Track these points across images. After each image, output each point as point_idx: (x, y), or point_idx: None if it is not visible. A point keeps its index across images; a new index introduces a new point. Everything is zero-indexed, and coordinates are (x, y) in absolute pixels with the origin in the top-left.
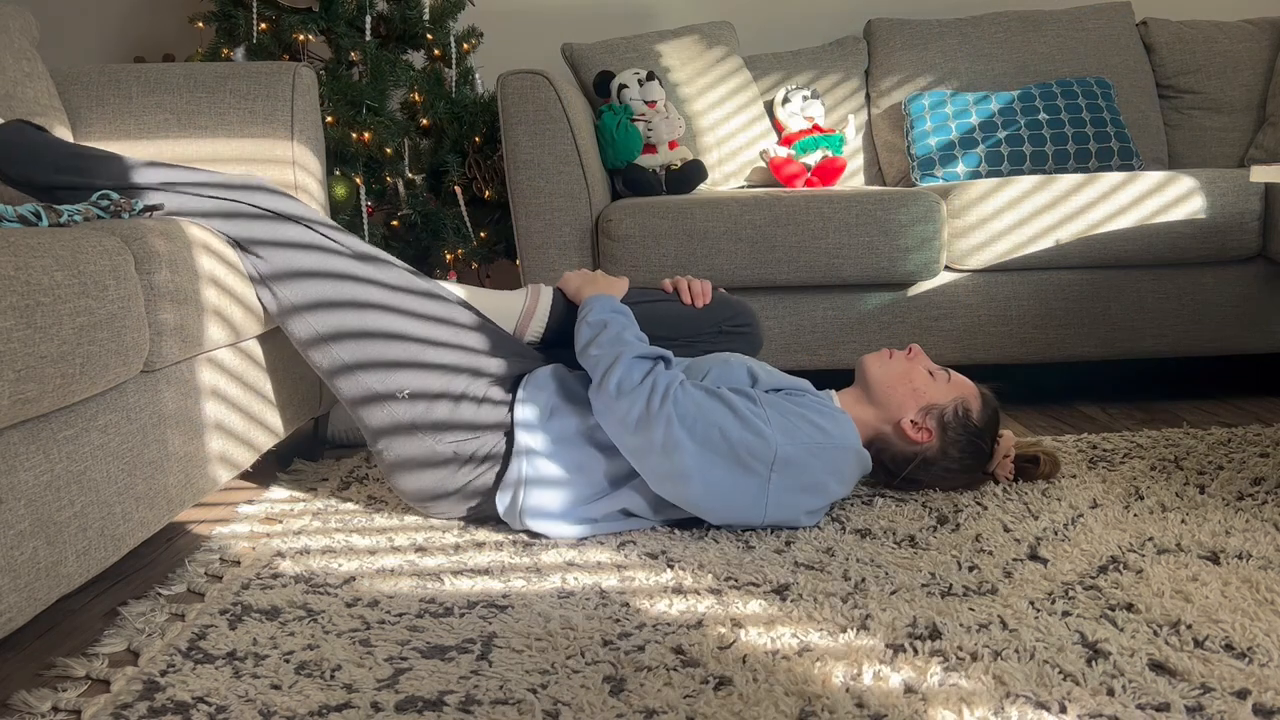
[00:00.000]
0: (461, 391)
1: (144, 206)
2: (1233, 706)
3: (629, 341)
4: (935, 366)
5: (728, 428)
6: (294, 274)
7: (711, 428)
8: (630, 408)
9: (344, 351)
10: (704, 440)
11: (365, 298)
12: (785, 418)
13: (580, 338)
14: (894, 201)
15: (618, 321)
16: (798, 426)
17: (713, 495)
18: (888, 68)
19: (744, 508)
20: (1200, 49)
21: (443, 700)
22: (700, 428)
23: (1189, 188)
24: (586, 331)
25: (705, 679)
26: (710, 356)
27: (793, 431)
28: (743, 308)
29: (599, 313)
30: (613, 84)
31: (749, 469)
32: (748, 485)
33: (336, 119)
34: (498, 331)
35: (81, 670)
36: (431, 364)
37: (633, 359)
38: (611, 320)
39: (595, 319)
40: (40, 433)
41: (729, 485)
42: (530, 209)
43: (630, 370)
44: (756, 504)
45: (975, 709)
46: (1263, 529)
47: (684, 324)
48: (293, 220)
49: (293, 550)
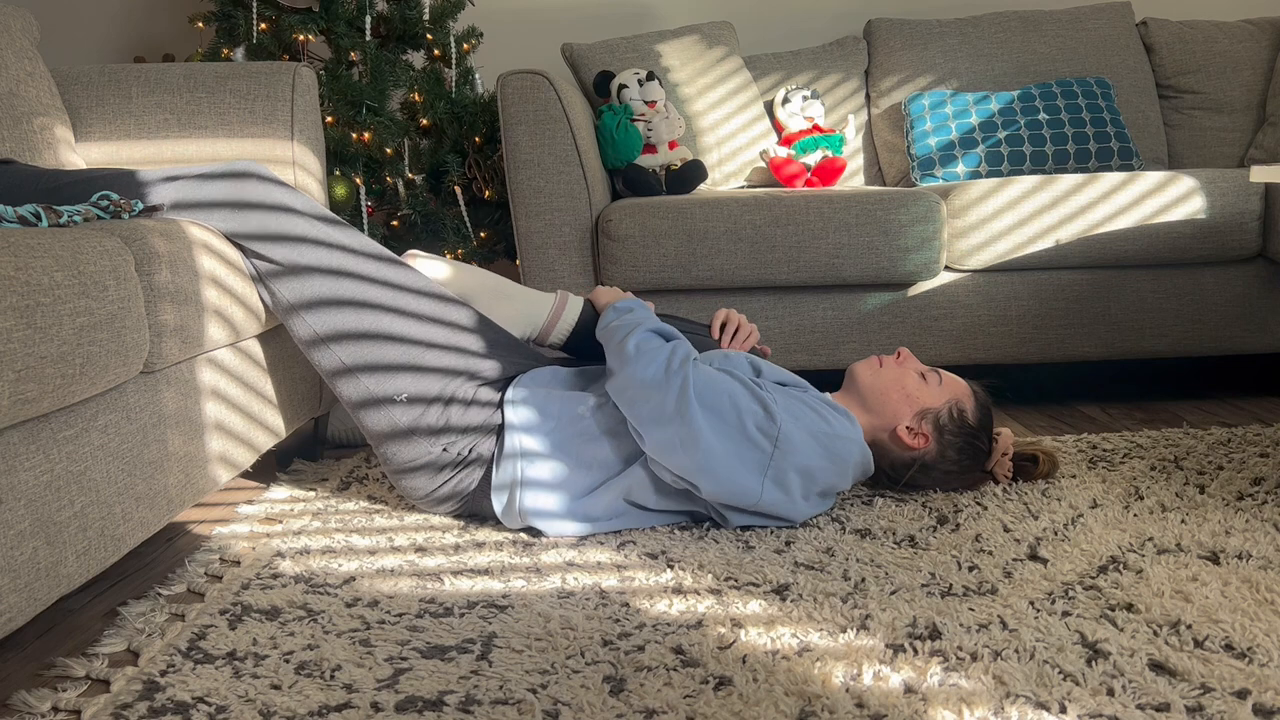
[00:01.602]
0: (452, 394)
1: (144, 207)
2: (1233, 706)
3: (651, 319)
4: (925, 368)
5: (737, 397)
6: (290, 271)
7: (721, 395)
8: (648, 367)
9: (344, 353)
10: (714, 407)
11: (363, 296)
12: (791, 402)
13: (604, 318)
14: (894, 201)
15: (643, 311)
16: (803, 413)
17: (716, 463)
18: (888, 68)
19: (744, 481)
20: (1200, 49)
21: (443, 700)
22: (710, 396)
23: (1189, 188)
24: (611, 314)
25: (705, 679)
26: (713, 351)
27: (798, 415)
28: None
29: (627, 303)
30: (613, 84)
31: (754, 442)
32: (751, 458)
33: (336, 119)
34: (494, 331)
35: (81, 670)
36: (429, 367)
37: (651, 330)
38: (638, 308)
39: (622, 306)
40: (40, 433)
41: (733, 455)
42: (530, 209)
43: (649, 337)
44: (755, 478)
45: (975, 709)
46: (1263, 529)
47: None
48: (288, 212)
49: (293, 550)
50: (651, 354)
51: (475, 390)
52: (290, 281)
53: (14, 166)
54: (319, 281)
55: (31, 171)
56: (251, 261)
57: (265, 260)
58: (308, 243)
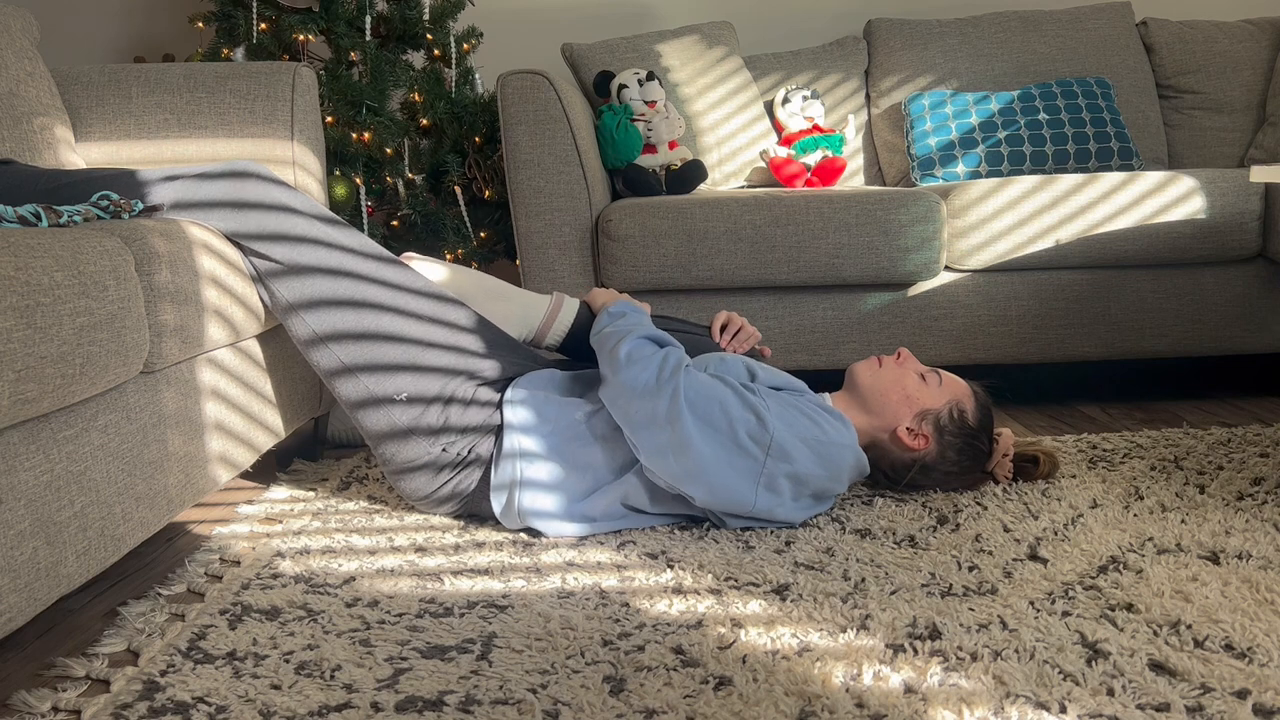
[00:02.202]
0: (451, 394)
1: (144, 207)
2: (1233, 706)
3: (644, 325)
4: (925, 369)
5: (729, 405)
6: (290, 271)
7: (713, 403)
8: (640, 374)
9: (342, 352)
10: (705, 416)
11: (362, 296)
12: (784, 408)
13: (597, 323)
14: (894, 201)
15: (637, 315)
16: (796, 419)
17: (708, 471)
18: (888, 68)
19: (737, 489)
20: (1200, 49)
21: (443, 700)
22: (702, 404)
23: (1189, 188)
24: (605, 318)
25: (705, 679)
26: (708, 354)
27: (791, 422)
28: None
29: (621, 307)
30: (613, 84)
31: (746, 451)
32: (743, 466)
33: (336, 119)
34: (492, 331)
35: (81, 670)
36: (428, 367)
37: (644, 336)
38: (631, 313)
39: (616, 310)
40: (40, 433)
41: (725, 463)
42: (530, 209)
43: (642, 344)
44: (748, 486)
45: (975, 709)
46: (1263, 529)
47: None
48: (287, 212)
49: (293, 550)
50: (644, 361)
51: (475, 390)
52: (290, 281)
53: (14, 166)
54: (318, 281)
55: (31, 171)
56: (251, 261)
57: (265, 259)
58: (307, 242)
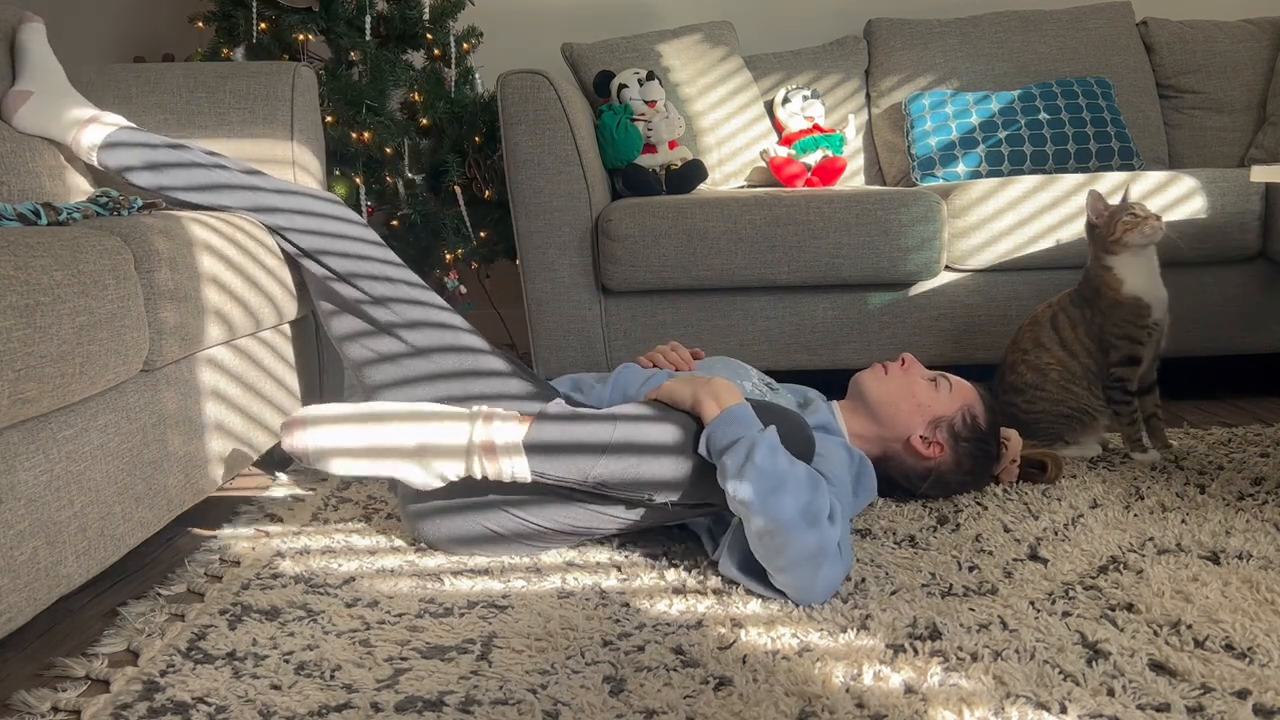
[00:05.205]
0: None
1: (143, 203)
2: (1233, 706)
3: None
4: (931, 374)
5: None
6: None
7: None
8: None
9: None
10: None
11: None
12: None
13: (733, 459)
14: (894, 201)
15: (769, 439)
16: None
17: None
18: (888, 68)
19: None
20: (1200, 49)
21: (443, 700)
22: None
23: (1189, 188)
24: (733, 460)
25: (705, 679)
26: (715, 360)
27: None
28: None
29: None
30: (613, 84)
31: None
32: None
33: (336, 119)
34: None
35: (81, 670)
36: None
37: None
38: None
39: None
40: (40, 433)
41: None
42: (530, 209)
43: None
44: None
45: (975, 709)
46: (1263, 529)
47: None
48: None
49: (293, 550)
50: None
51: None
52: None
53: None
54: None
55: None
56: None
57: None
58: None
